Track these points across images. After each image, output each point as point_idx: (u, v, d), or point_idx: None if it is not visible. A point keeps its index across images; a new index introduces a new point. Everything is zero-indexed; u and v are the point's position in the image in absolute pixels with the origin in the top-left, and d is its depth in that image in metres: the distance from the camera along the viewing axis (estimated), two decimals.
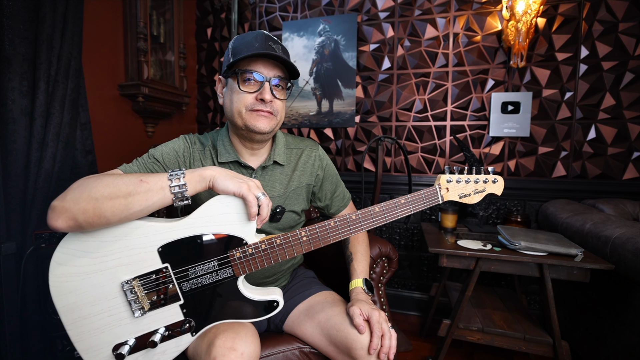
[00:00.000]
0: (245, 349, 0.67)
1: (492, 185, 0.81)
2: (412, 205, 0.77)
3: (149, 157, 0.81)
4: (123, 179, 0.65)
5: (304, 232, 0.74)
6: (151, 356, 0.71)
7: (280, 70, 0.80)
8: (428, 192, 0.78)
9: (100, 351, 0.69)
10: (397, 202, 0.77)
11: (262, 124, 0.79)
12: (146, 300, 0.69)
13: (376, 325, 0.73)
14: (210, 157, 0.87)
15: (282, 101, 0.83)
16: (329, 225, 0.75)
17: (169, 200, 0.66)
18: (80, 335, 0.68)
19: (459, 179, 0.80)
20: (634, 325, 1.06)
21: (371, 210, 0.76)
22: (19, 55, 1.15)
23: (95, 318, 0.68)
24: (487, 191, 0.81)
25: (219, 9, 2.25)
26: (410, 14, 1.89)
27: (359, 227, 0.76)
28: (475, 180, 0.80)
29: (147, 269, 0.69)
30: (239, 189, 0.66)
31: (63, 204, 0.61)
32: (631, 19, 1.58)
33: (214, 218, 0.70)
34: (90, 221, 0.62)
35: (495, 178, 0.80)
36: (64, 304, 0.66)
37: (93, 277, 0.67)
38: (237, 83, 0.78)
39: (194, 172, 0.67)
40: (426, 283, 1.97)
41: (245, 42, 0.77)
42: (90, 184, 0.64)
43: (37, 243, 1.11)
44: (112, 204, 0.62)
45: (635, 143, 1.62)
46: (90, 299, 0.67)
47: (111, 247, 0.67)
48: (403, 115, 1.95)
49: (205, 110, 2.37)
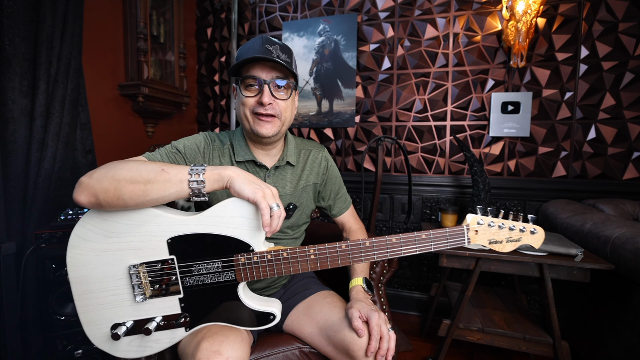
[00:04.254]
0: (231, 355, 0.66)
1: (530, 236, 0.70)
2: (433, 242, 0.71)
3: (171, 148, 0.83)
4: (146, 165, 0.67)
5: (312, 250, 0.72)
6: (145, 342, 0.73)
7: (279, 71, 0.80)
8: (453, 231, 0.71)
9: (99, 326, 0.72)
10: (418, 237, 0.71)
11: (265, 129, 0.81)
12: (149, 287, 0.71)
13: (375, 328, 0.73)
14: (229, 155, 0.89)
15: (284, 101, 0.83)
16: (340, 248, 0.71)
17: (186, 193, 0.67)
18: (85, 307, 0.71)
19: (491, 222, 0.69)
20: (634, 325, 1.06)
21: (387, 240, 0.71)
22: (19, 55, 1.15)
23: (100, 294, 0.71)
24: (523, 242, 0.70)
25: (219, 9, 2.25)
26: (410, 14, 1.89)
27: (371, 256, 0.72)
28: (511, 227, 0.70)
29: (154, 257, 0.71)
30: (253, 194, 0.66)
31: (89, 181, 0.65)
32: (631, 19, 1.58)
33: (225, 219, 0.70)
34: (109, 201, 0.65)
35: (534, 228, 0.70)
36: (76, 275, 0.70)
37: (105, 256, 0.70)
38: (241, 89, 0.81)
39: (214, 170, 0.68)
40: (426, 283, 1.97)
41: (245, 48, 0.81)
42: (117, 167, 0.67)
43: (37, 243, 1.11)
44: (131, 188, 0.64)
45: (635, 143, 1.62)
46: (99, 275, 0.70)
47: (125, 229, 0.70)
48: (403, 115, 1.95)
49: (205, 110, 2.37)
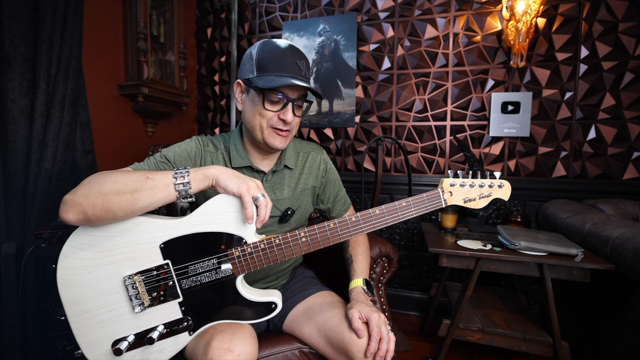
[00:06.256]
0: (242, 350, 0.67)
1: (499, 189, 0.77)
2: (414, 208, 0.76)
3: (160, 157, 0.82)
4: (131, 175, 0.67)
5: (303, 232, 0.74)
6: (148, 354, 0.72)
7: (303, 90, 0.81)
8: (430, 195, 0.76)
9: (99, 346, 0.70)
10: (399, 205, 0.75)
11: (279, 142, 0.82)
12: (146, 296, 0.70)
13: (375, 329, 0.73)
14: (223, 161, 0.88)
15: (299, 117, 0.85)
16: (329, 226, 0.74)
17: (174, 197, 0.68)
18: (82, 328, 0.69)
19: (462, 182, 0.76)
20: (634, 325, 1.06)
21: (371, 213, 0.75)
22: (19, 55, 1.15)
23: (97, 312, 0.69)
24: (493, 196, 0.78)
25: (219, 9, 2.25)
26: (410, 14, 1.89)
27: (359, 230, 0.75)
28: (480, 185, 0.77)
29: (148, 264, 0.70)
30: (238, 189, 0.67)
31: (74, 198, 0.64)
32: (631, 19, 1.58)
33: (215, 216, 0.70)
34: (98, 215, 0.64)
35: (501, 182, 0.77)
36: (69, 296, 0.68)
37: (97, 271, 0.68)
38: (262, 100, 0.78)
39: (197, 171, 0.69)
40: (426, 283, 1.97)
41: (272, 56, 0.77)
42: (101, 180, 0.66)
43: (37, 243, 1.11)
44: (119, 200, 0.64)
45: (635, 143, 1.62)
46: (93, 293, 0.69)
47: (116, 242, 0.69)
48: (403, 115, 1.95)
49: (205, 110, 2.37)
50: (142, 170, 0.71)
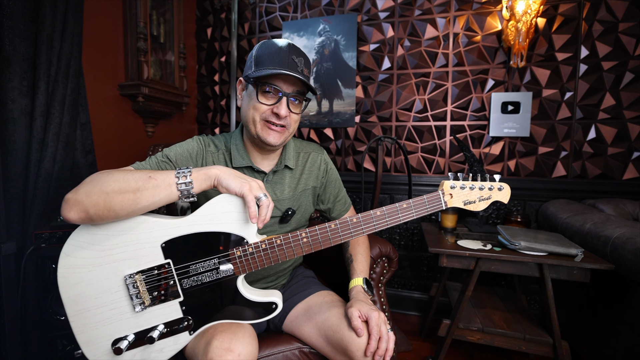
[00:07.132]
0: (242, 350, 0.67)
1: (498, 192, 0.77)
2: (414, 210, 0.75)
3: (162, 157, 0.82)
4: (133, 174, 0.67)
5: (304, 233, 0.74)
6: (148, 354, 0.72)
7: (299, 86, 0.81)
8: (431, 197, 0.76)
9: (99, 345, 0.70)
10: (399, 207, 0.75)
11: (272, 138, 0.82)
12: (147, 295, 0.70)
13: (375, 328, 0.73)
14: (224, 161, 0.88)
15: (297, 114, 0.84)
16: (330, 227, 0.74)
17: (176, 196, 0.68)
18: (82, 327, 0.69)
19: (463, 185, 0.76)
20: (634, 325, 1.06)
21: (372, 214, 0.75)
22: (19, 55, 1.14)
23: (97, 311, 0.69)
24: (493, 198, 0.77)
25: (219, 9, 2.25)
26: (410, 14, 1.89)
27: (360, 231, 0.75)
28: (480, 187, 0.77)
29: (150, 263, 0.70)
30: (240, 188, 0.67)
31: (76, 197, 0.64)
32: (631, 19, 1.58)
33: (217, 216, 0.71)
34: (100, 214, 0.64)
35: (501, 185, 0.77)
36: (69, 295, 0.68)
37: (98, 270, 0.68)
38: (256, 93, 0.79)
39: (200, 171, 0.69)
40: (426, 283, 1.97)
41: (269, 52, 0.78)
42: (103, 179, 0.66)
43: (37, 243, 1.11)
44: (121, 199, 0.64)
45: (635, 143, 1.62)
46: (94, 292, 0.69)
47: (117, 241, 0.69)
48: (403, 115, 1.95)
49: (205, 110, 2.37)
50: (144, 170, 0.71)
